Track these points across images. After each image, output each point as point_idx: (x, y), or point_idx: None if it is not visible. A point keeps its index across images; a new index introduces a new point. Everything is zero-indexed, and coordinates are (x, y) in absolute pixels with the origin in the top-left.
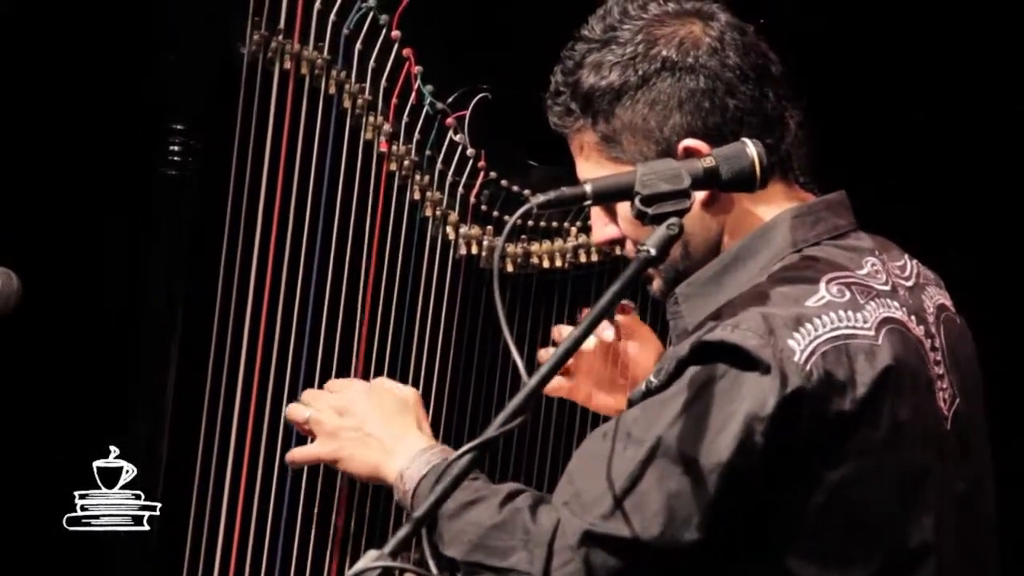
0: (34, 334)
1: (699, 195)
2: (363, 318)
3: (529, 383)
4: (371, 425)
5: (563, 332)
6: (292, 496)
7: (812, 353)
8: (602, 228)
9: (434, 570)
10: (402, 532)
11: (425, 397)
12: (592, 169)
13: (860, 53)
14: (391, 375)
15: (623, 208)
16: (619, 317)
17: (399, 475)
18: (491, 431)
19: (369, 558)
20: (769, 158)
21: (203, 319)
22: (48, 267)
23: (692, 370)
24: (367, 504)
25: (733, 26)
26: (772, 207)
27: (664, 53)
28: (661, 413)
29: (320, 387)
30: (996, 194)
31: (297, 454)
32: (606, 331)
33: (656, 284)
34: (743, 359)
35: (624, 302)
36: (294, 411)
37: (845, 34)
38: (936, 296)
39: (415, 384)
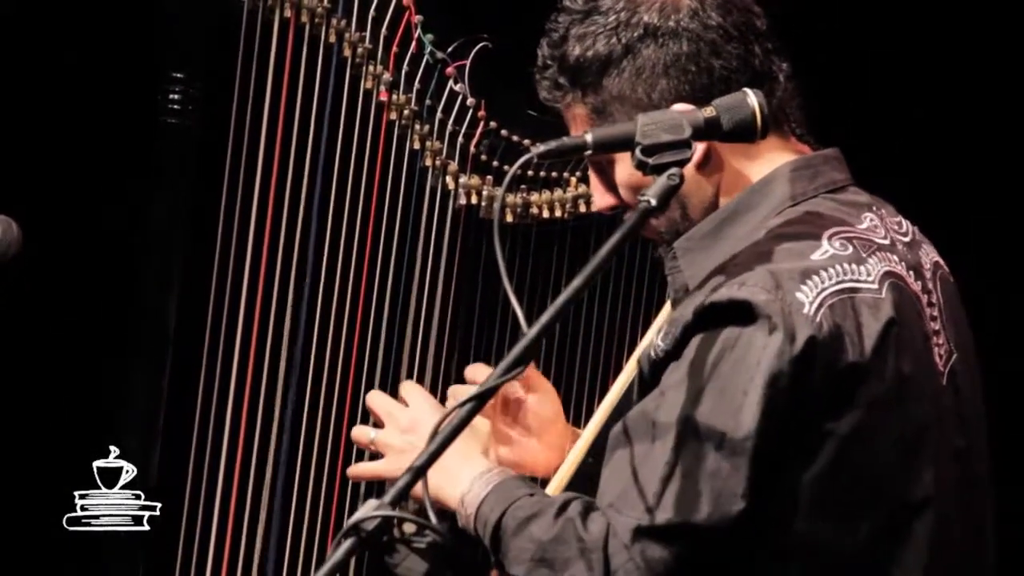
0: (33, 319)
1: (693, 157)
2: (363, 267)
3: (529, 333)
4: None
5: (477, 374)
6: (286, 491)
7: (821, 305)
8: (602, 195)
9: (433, 519)
10: (401, 482)
11: (424, 347)
12: (595, 155)
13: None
14: (390, 325)
15: (622, 173)
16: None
17: (460, 499)
18: (491, 381)
19: (368, 507)
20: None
21: (204, 268)
22: (47, 221)
23: (700, 338)
24: (361, 501)
25: None
26: (769, 161)
27: (645, 19)
28: (680, 395)
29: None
30: (979, 189)
31: (363, 470)
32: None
33: (650, 231)
34: (752, 316)
35: None
36: (359, 433)
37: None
38: (931, 253)
39: (414, 336)
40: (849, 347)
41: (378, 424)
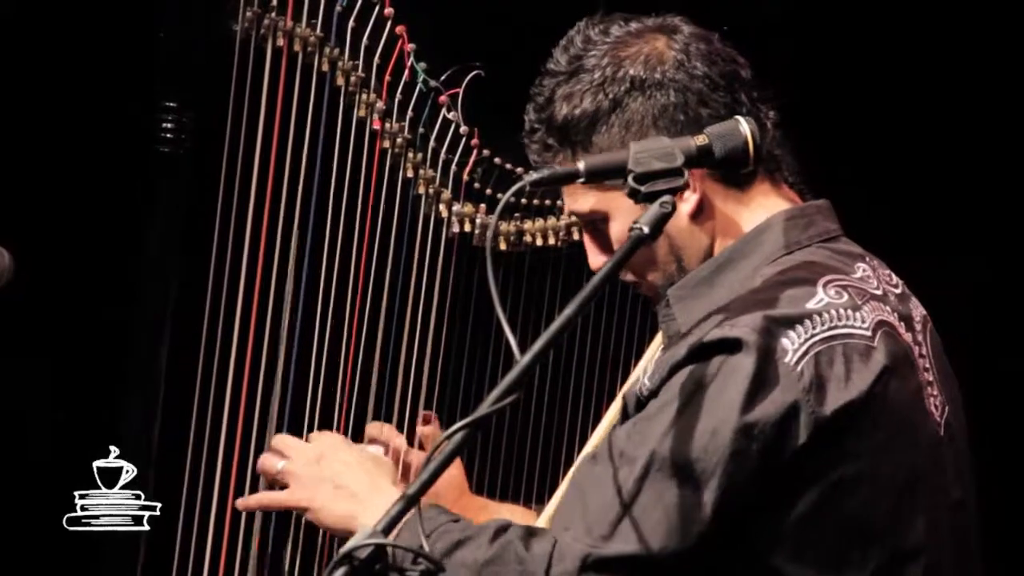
0: (30, 324)
1: (685, 208)
2: (356, 297)
3: (522, 361)
4: (347, 477)
5: (380, 430)
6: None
7: (806, 353)
8: (596, 256)
9: (426, 547)
10: (394, 510)
11: (418, 376)
12: (579, 199)
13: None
14: (384, 354)
15: (616, 229)
16: (421, 428)
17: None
18: (483, 409)
19: (361, 536)
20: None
21: (197, 295)
22: (42, 246)
23: (684, 372)
24: None
25: (697, 36)
26: (762, 209)
27: (631, 72)
28: (652, 426)
29: (318, 367)
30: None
31: (262, 499)
32: (399, 439)
33: (646, 288)
34: (738, 351)
35: (425, 412)
36: (266, 462)
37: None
38: (919, 307)
39: (407, 364)
40: (836, 392)
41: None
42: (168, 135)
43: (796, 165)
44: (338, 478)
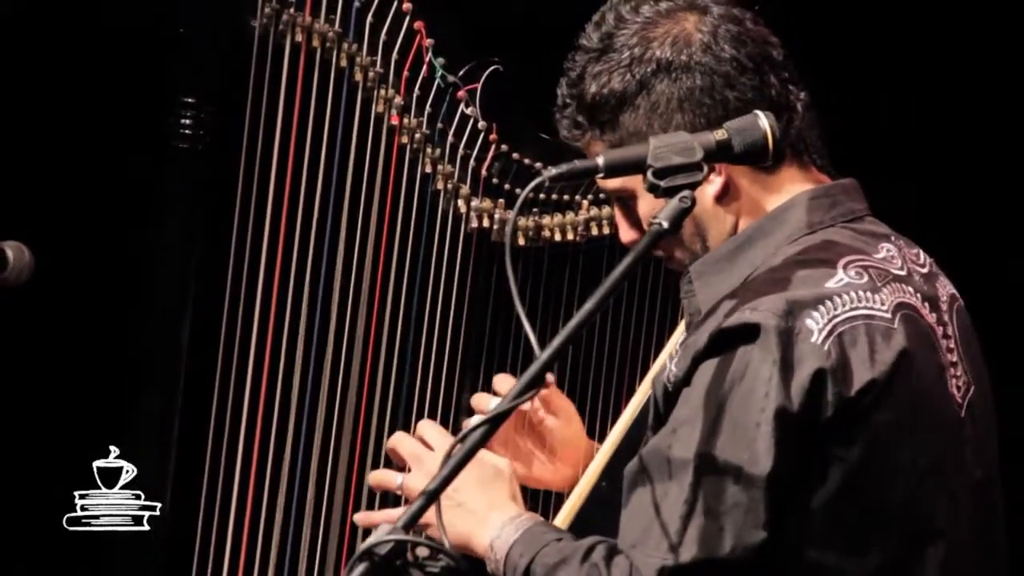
0: (37, 327)
1: (711, 190)
2: (375, 290)
3: (541, 356)
4: (465, 493)
5: (482, 400)
6: (300, 495)
7: (831, 333)
8: (626, 230)
9: (446, 543)
10: (415, 506)
11: (436, 371)
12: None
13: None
14: (402, 349)
15: (644, 207)
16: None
17: (489, 545)
18: (503, 404)
19: (382, 532)
20: (781, 141)
21: (215, 291)
22: (58, 242)
23: (711, 365)
24: (375, 508)
25: (727, 17)
26: (788, 192)
27: (658, 54)
28: (693, 430)
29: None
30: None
31: (384, 516)
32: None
33: (675, 264)
34: (761, 341)
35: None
36: (385, 478)
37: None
38: (948, 286)
39: (426, 359)
40: (860, 371)
41: (402, 468)
42: (186, 131)
43: (824, 148)
44: (457, 494)
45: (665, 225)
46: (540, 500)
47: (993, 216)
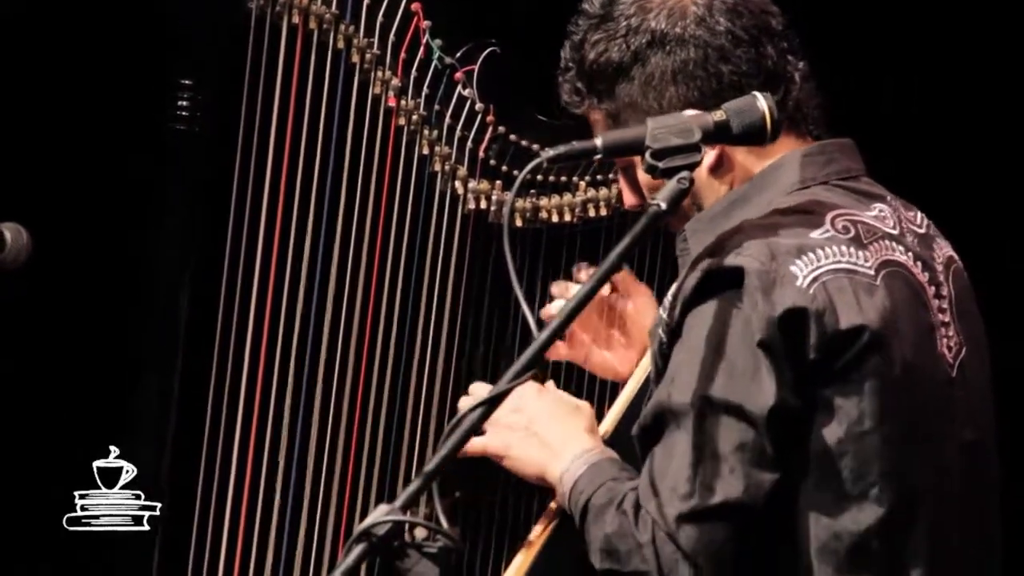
0: (36, 320)
1: (706, 161)
2: (372, 272)
3: (539, 337)
4: (540, 424)
5: (563, 288)
6: (297, 489)
7: (815, 280)
8: (629, 195)
9: (444, 524)
10: (413, 486)
11: (434, 352)
12: (606, 159)
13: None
14: (400, 331)
15: (644, 175)
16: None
17: (560, 476)
18: (501, 385)
19: (380, 512)
20: (778, 113)
21: (213, 272)
22: (54, 226)
23: (700, 311)
24: (372, 504)
25: None
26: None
27: (653, 25)
28: (691, 376)
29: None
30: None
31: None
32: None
33: (673, 227)
34: (746, 283)
35: (579, 264)
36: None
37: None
38: (946, 247)
39: (423, 340)
40: (848, 314)
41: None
42: (183, 113)
43: (824, 118)
44: (533, 425)
45: (663, 206)
46: None
47: (994, 198)
